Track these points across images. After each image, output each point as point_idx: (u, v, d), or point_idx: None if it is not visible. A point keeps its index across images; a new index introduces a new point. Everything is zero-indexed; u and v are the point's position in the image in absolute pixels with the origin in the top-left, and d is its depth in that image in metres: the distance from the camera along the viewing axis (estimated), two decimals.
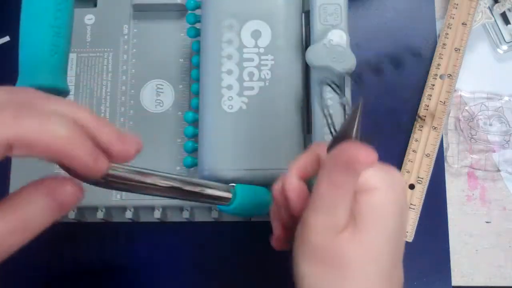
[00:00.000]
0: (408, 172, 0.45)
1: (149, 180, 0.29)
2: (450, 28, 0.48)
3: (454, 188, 0.46)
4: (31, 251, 0.45)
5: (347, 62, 0.33)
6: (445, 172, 0.46)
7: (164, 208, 0.42)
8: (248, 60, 0.36)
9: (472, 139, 0.46)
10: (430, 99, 0.46)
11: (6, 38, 0.49)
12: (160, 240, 0.44)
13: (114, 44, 0.43)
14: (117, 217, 0.43)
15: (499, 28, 0.48)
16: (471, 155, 0.45)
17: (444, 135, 0.46)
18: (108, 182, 0.27)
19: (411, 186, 0.45)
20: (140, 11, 0.43)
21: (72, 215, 0.41)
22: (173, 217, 0.43)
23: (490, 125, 0.46)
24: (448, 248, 0.44)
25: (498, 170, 0.45)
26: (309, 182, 0.28)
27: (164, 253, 0.44)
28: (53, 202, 0.21)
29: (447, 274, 0.44)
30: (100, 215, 0.41)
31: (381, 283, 0.24)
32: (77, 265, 0.44)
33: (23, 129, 0.19)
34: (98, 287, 0.44)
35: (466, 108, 0.46)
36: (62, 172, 0.42)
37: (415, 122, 0.46)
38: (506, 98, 0.47)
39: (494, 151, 0.46)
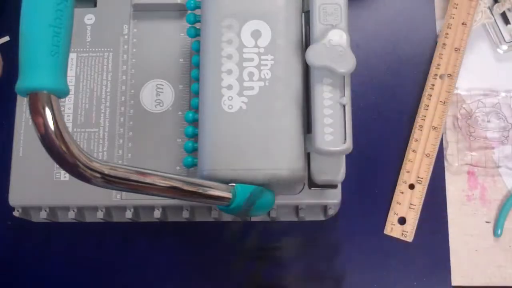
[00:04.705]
0: (408, 172, 0.45)
1: (148, 180, 0.29)
2: (450, 28, 0.48)
3: (454, 188, 0.46)
4: (31, 251, 0.45)
5: (347, 62, 0.33)
6: (445, 172, 0.46)
7: (164, 208, 0.42)
8: (248, 60, 0.36)
9: (471, 137, 0.46)
10: (430, 99, 0.46)
11: (6, 38, 0.49)
12: (160, 240, 0.44)
13: (114, 44, 0.43)
14: (117, 217, 0.43)
15: (499, 28, 0.48)
16: (470, 153, 0.45)
17: (443, 134, 0.46)
18: (108, 182, 0.27)
19: (411, 186, 0.45)
20: (140, 11, 0.43)
21: (72, 215, 0.41)
22: (173, 217, 0.43)
23: (488, 121, 0.46)
24: (448, 248, 0.44)
25: (498, 167, 0.45)
26: None
27: (164, 253, 0.44)
28: None
29: (447, 274, 0.44)
30: (100, 215, 0.41)
31: None
32: (77, 265, 0.44)
33: None
34: (98, 287, 0.44)
35: (464, 105, 0.47)
36: (62, 172, 0.42)
37: (415, 122, 0.46)
38: (503, 94, 0.47)
39: (493, 148, 0.46)
